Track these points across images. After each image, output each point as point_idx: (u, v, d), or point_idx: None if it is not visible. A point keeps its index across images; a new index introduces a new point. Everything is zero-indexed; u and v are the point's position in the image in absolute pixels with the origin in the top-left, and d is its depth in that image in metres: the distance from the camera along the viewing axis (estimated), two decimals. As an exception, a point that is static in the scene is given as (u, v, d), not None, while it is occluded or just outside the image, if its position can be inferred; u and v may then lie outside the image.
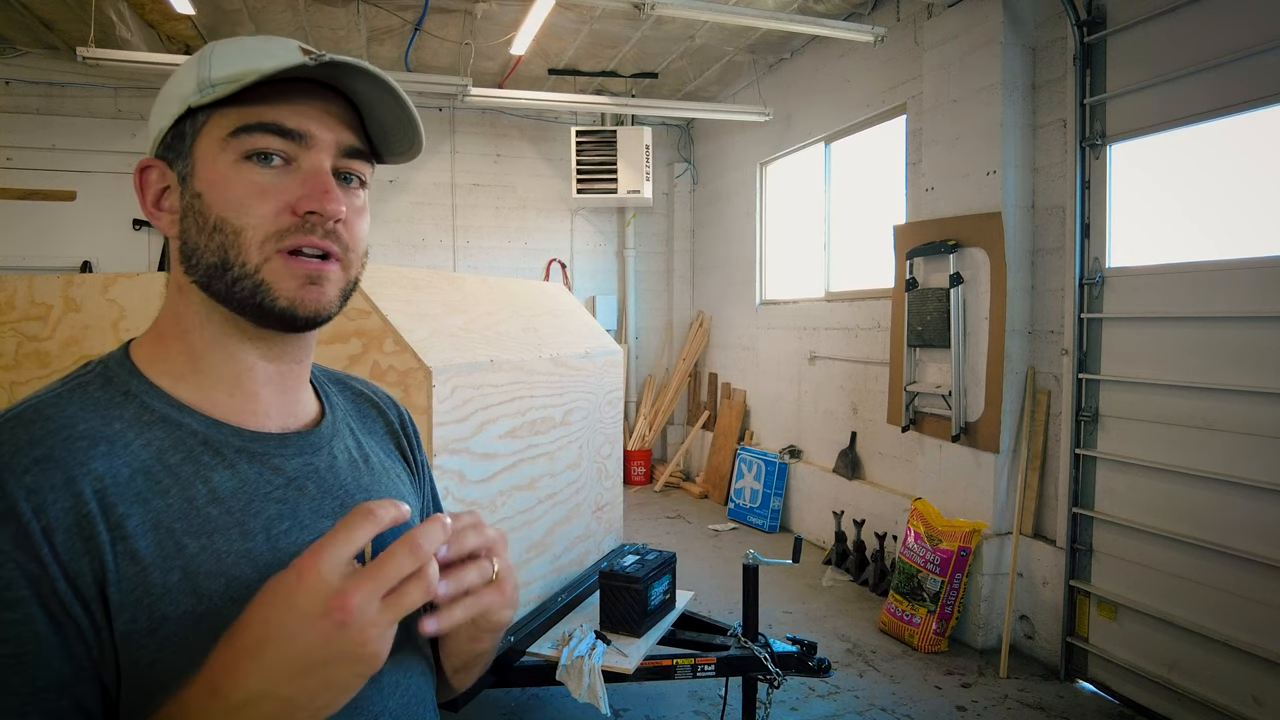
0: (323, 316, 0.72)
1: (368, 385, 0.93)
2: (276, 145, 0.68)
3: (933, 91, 4.40)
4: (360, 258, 0.75)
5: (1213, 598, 3.08)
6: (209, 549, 0.65)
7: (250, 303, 0.69)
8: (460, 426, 2.26)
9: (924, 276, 4.47)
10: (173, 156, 0.72)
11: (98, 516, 0.61)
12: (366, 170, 0.75)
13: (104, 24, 5.04)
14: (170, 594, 0.62)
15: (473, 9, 5.28)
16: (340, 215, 0.70)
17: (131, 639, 0.61)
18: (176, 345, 0.73)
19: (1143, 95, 3.38)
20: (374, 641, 0.56)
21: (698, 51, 6.26)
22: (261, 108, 0.68)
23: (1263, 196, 3.07)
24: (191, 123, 0.70)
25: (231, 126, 0.68)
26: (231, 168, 0.68)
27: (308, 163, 0.70)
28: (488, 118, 7.55)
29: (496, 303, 2.91)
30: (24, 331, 2.40)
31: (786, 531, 6.05)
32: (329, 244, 0.70)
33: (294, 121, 0.69)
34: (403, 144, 0.77)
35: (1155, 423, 3.33)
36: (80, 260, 6.41)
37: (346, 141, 0.72)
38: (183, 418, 0.70)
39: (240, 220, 0.68)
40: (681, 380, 7.88)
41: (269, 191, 0.68)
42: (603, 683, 2.48)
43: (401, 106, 0.73)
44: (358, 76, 0.70)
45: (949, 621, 3.93)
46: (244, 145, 0.68)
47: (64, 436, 0.63)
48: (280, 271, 0.69)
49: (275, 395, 0.76)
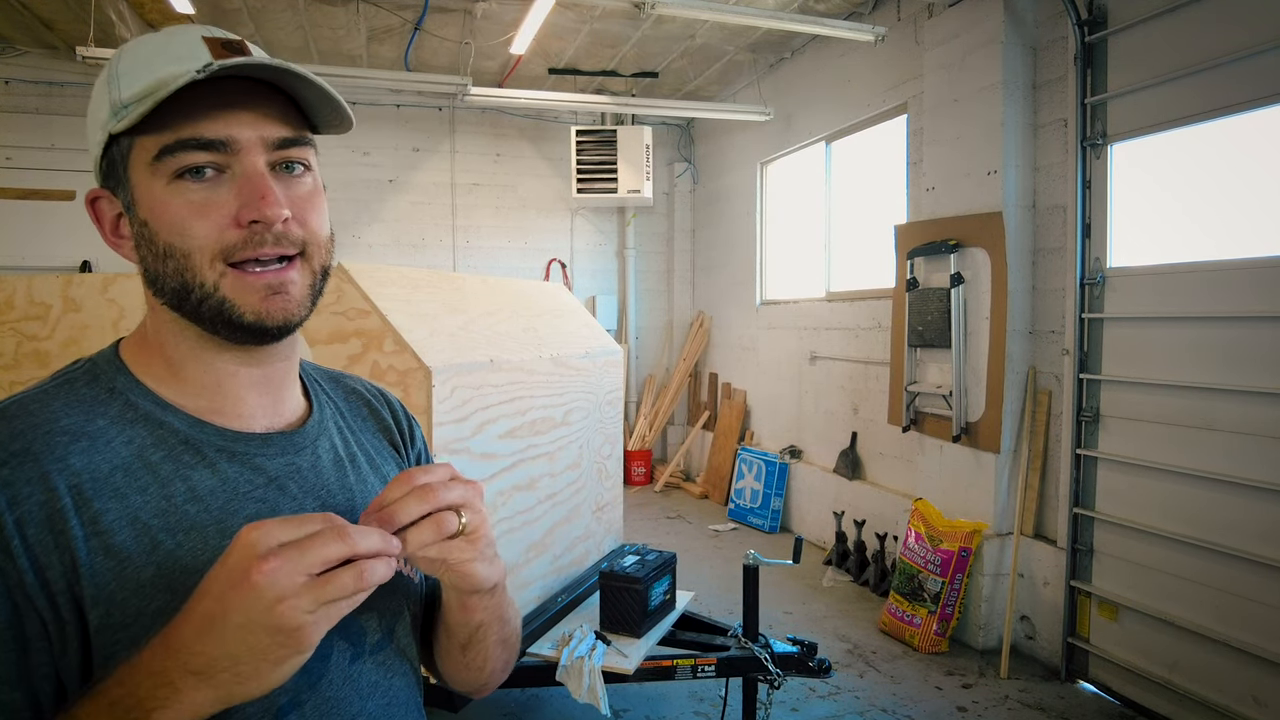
0: (293, 323, 0.71)
1: (361, 382, 0.93)
2: (203, 159, 0.66)
3: (933, 91, 4.39)
4: (323, 246, 0.73)
5: (1213, 598, 3.07)
6: (185, 546, 0.65)
7: (219, 320, 0.68)
8: (460, 426, 2.25)
9: (925, 276, 4.47)
10: (114, 184, 0.70)
11: (70, 511, 0.61)
12: (307, 154, 0.72)
13: (104, 23, 5.04)
14: (144, 589, 0.62)
15: (473, 8, 5.28)
16: (282, 218, 0.68)
17: (105, 633, 0.61)
18: (158, 354, 0.73)
19: (1143, 95, 3.38)
20: (294, 616, 0.54)
21: (698, 51, 6.25)
22: (179, 124, 0.65)
23: (1263, 196, 3.06)
24: (119, 148, 0.69)
25: (155, 149, 0.66)
26: (166, 190, 0.67)
27: (240, 168, 0.67)
28: (488, 117, 7.55)
29: (496, 303, 2.91)
30: (23, 331, 2.40)
31: (787, 532, 6.05)
32: (281, 248, 0.69)
33: (214, 130, 0.66)
34: (333, 120, 0.74)
35: (1156, 423, 3.32)
36: (80, 260, 6.40)
37: (274, 135, 0.69)
38: (166, 416, 0.70)
39: (186, 244, 0.67)
40: (681, 380, 7.87)
41: (206, 208, 0.67)
42: (603, 683, 2.48)
43: (319, 89, 0.70)
44: (261, 69, 0.67)
45: (949, 622, 3.93)
46: (171, 165, 0.66)
47: (45, 431, 0.64)
48: (237, 287, 0.68)
49: (259, 397, 0.75)
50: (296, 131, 0.71)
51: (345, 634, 0.74)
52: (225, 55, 0.68)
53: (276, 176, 0.69)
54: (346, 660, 0.73)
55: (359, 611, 0.73)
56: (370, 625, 0.76)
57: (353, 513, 0.76)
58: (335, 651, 0.72)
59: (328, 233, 0.74)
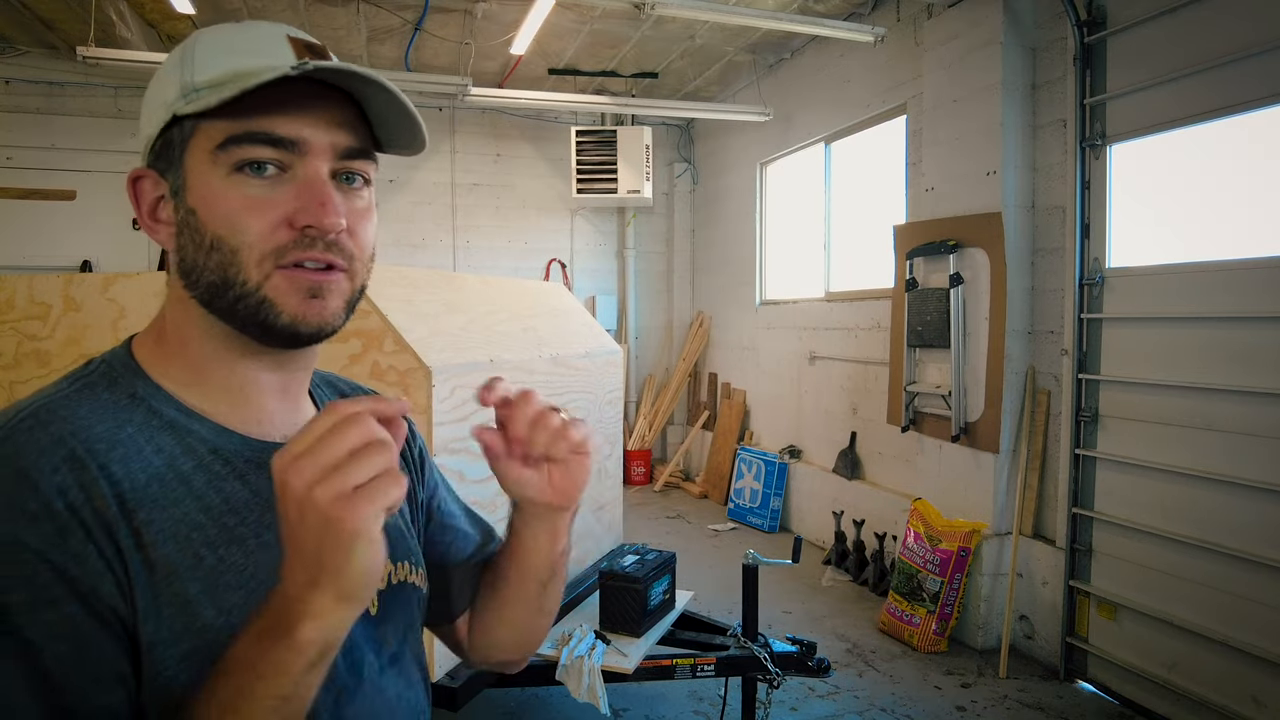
0: (327, 330, 0.69)
1: (351, 384, 0.92)
2: (269, 155, 0.65)
3: (933, 92, 4.40)
4: (366, 264, 0.71)
5: (1213, 598, 3.08)
6: (227, 560, 0.64)
7: (253, 320, 0.67)
8: (460, 426, 2.25)
9: (924, 276, 4.47)
10: (164, 166, 0.68)
11: (119, 521, 0.59)
12: (369, 168, 0.71)
13: (104, 23, 5.04)
14: (190, 605, 0.61)
15: (473, 9, 5.28)
16: (340, 229, 0.66)
17: (155, 649, 0.59)
18: (179, 354, 0.70)
19: (1143, 96, 3.38)
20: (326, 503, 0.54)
21: (698, 51, 6.26)
22: (252, 116, 0.64)
23: (1262, 197, 3.07)
24: (179, 131, 0.66)
25: (220, 137, 0.64)
26: (223, 181, 0.65)
27: (303, 171, 0.66)
28: (488, 117, 7.55)
29: (496, 302, 2.91)
30: (24, 331, 2.40)
31: (786, 531, 6.05)
32: (331, 256, 0.67)
33: (286, 129, 0.65)
34: (404, 138, 0.73)
35: (1155, 423, 3.33)
36: (80, 260, 6.41)
37: (344, 143, 0.68)
38: (191, 424, 0.68)
39: (236, 239, 0.65)
40: (681, 380, 7.88)
41: (263, 205, 0.65)
42: (602, 682, 2.48)
43: (399, 104, 0.69)
44: (350, 77, 0.66)
45: (949, 622, 3.93)
46: (234, 156, 0.64)
47: (84, 438, 0.61)
48: (281, 288, 0.66)
49: (279, 404, 0.74)
50: (363, 143, 0.70)
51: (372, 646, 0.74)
52: (306, 55, 0.67)
53: (335, 186, 0.68)
54: (376, 673, 0.73)
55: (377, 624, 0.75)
56: (387, 637, 0.76)
57: None
58: (366, 665, 0.72)
59: (372, 250, 0.73)
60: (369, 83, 0.66)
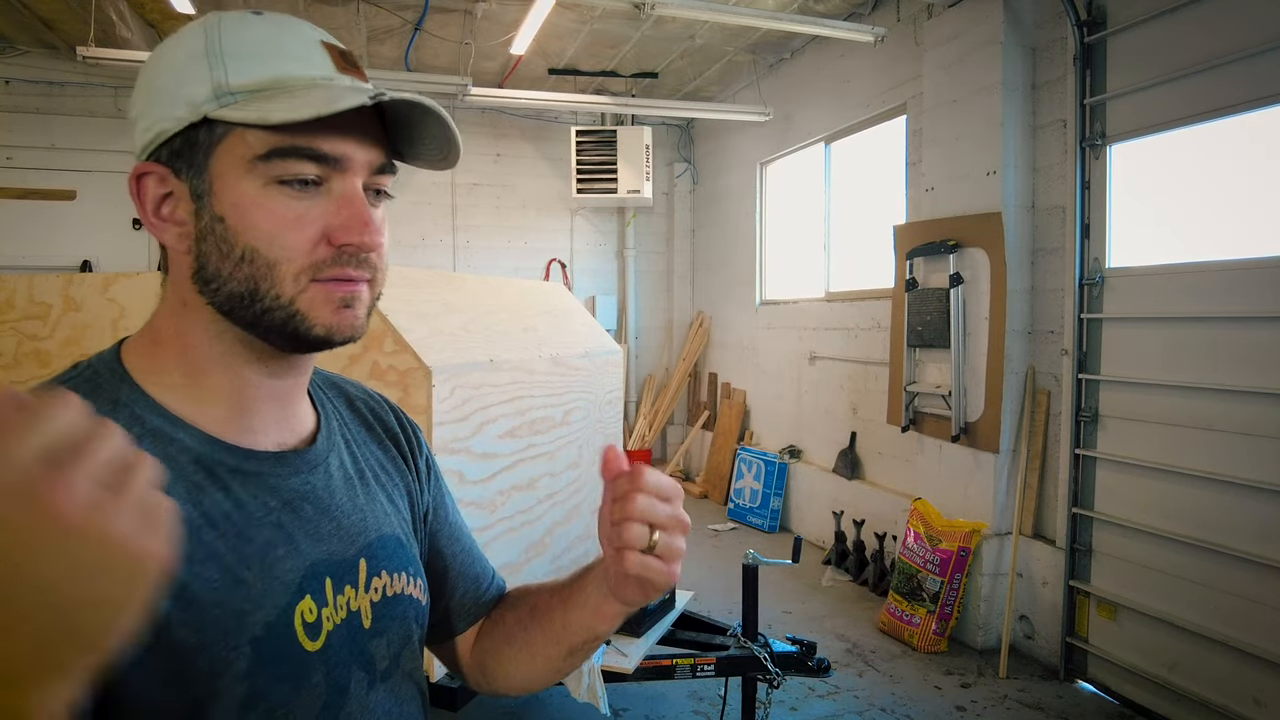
0: (355, 338, 0.69)
1: (360, 389, 0.89)
2: (312, 171, 0.64)
3: (933, 92, 4.40)
4: (385, 272, 0.72)
5: (1213, 598, 3.08)
6: (201, 576, 0.61)
7: (281, 331, 0.66)
8: (460, 426, 2.25)
9: (924, 276, 4.47)
10: (181, 165, 0.65)
11: None
12: (391, 182, 0.72)
13: (104, 23, 5.04)
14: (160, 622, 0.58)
15: (473, 9, 5.28)
16: (378, 247, 0.67)
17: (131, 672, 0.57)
18: (175, 357, 0.68)
19: (1143, 96, 3.38)
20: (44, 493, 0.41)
21: (698, 51, 6.25)
22: (297, 130, 0.63)
23: (1262, 197, 3.07)
24: (207, 132, 0.64)
25: (263, 148, 0.63)
26: (261, 193, 0.63)
27: (340, 187, 0.66)
28: (488, 117, 7.55)
29: (496, 302, 2.91)
30: (23, 331, 2.40)
31: (786, 531, 6.05)
32: (364, 272, 0.68)
33: (332, 146, 0.64)
34: (434, 155, 0.73)
35: (1155, 423, 3.33)
36: (80, 260, 6.41)
37: (377, 160, 0.68)
38: (175, 432, 0.65)
39: (273, 253, 0.64)
40: (681, 380, 7.88)
41: (303, 220, 0.64)
42: (602, 682, 2.48)
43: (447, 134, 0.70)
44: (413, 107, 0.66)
45: (948, 621, 3.93)
46: (277, 170, 0.63)
47: None
48: (315, 300, 0.66)
49: (274, 410, 0.72)
50: (390, 158, 0.71)
51: (360, 661, 0.72)
52: (344, 66, 0.67)
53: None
54: (364, 690, 0.72)
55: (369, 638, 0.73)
56: (379, 652, 0.75)
57: (364, 534, 0.75)
58: (353, 681, 0.70)
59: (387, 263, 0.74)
60: (428, 112, 0.67)
